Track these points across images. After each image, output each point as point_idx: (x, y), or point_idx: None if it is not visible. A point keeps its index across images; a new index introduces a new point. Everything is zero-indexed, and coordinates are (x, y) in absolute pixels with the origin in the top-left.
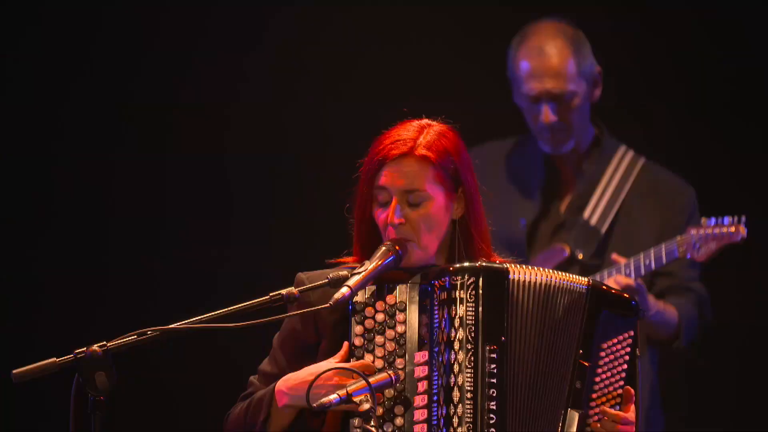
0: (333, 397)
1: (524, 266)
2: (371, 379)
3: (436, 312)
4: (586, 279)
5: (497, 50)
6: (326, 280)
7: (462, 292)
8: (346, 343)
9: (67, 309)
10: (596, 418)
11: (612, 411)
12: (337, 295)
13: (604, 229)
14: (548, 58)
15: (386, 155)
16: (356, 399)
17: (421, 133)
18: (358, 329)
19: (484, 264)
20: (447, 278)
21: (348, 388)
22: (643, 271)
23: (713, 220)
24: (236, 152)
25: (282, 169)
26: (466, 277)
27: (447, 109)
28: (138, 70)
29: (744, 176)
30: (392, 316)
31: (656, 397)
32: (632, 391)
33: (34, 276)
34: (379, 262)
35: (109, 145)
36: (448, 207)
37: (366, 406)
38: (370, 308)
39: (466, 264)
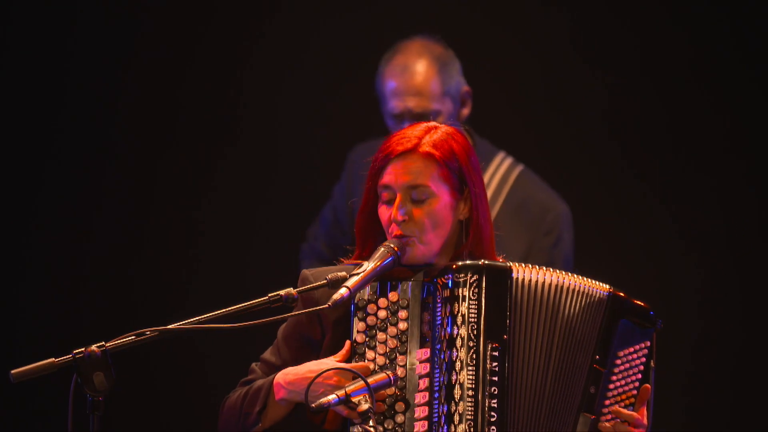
0: (331, 397)
1: (532, 266)
2: (370, 380)
3: (438, 309)
4: (607, 285)
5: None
6: (324, 281)
7: (464, 289)
8: (347, 342)
9: (66, 309)
10: (608, 417)
11: (625, 411)
12: (336, 296)
13: None
14: (412, 77)
15: (391, 151)
16: (355, 399)
17: (428, 132)
18: (360, 326)
19: (487, 262)
20: (450, 275)
21: (347, 389)
22: None
23: None
24: (236, 151)
25: (280, 170)
26: (469, 274)
27: None
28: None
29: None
30: (394, 313)
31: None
32: (649, 388)
33: (33, 276)
34: (378, 263)
35: (108, 145)
36: (452, 206)
37: (364, 406)
38: (372, 305)
39: (469, 262)
